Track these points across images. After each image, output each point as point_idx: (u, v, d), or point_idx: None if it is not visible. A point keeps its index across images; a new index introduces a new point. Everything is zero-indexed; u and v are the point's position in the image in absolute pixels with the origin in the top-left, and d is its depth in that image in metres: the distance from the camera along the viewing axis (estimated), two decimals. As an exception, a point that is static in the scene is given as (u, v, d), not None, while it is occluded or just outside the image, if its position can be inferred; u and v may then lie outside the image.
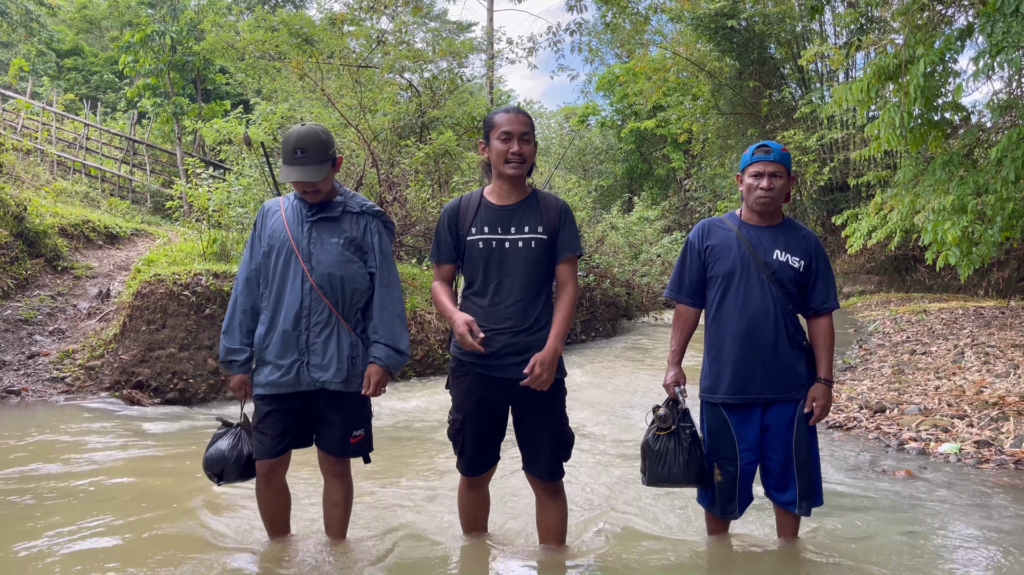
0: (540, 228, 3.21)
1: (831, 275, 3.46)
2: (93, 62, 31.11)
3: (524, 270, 3.19)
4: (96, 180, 19.14)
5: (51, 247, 10.43)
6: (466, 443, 3.32)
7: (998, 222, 8.25)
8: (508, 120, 3.17)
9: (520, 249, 3.20)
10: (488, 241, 3.22)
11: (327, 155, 3.29)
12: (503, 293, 3.20)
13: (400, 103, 13.77)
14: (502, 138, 3.16)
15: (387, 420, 7.28)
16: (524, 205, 3.25)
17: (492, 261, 3.22)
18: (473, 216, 3.26)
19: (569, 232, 3.25)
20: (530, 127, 3.20)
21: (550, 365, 3.11)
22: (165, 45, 19.17)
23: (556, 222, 3.22)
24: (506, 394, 3.24)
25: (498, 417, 3.32)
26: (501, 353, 3.18)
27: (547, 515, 3.41)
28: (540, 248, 3.20)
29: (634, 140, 33.10)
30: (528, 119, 3.22)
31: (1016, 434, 5.75)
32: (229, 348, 3.40)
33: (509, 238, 3.21)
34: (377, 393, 3.34)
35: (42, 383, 7.82)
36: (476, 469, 3.38)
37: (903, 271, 20.50)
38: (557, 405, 3.29)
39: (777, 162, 3.35)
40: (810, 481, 3.35)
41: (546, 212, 3.23)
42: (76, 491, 4.68)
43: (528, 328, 3.19)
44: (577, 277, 3.33)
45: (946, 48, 7.97)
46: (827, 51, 19.30)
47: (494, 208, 3.25)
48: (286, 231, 3.33)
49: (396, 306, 3.38)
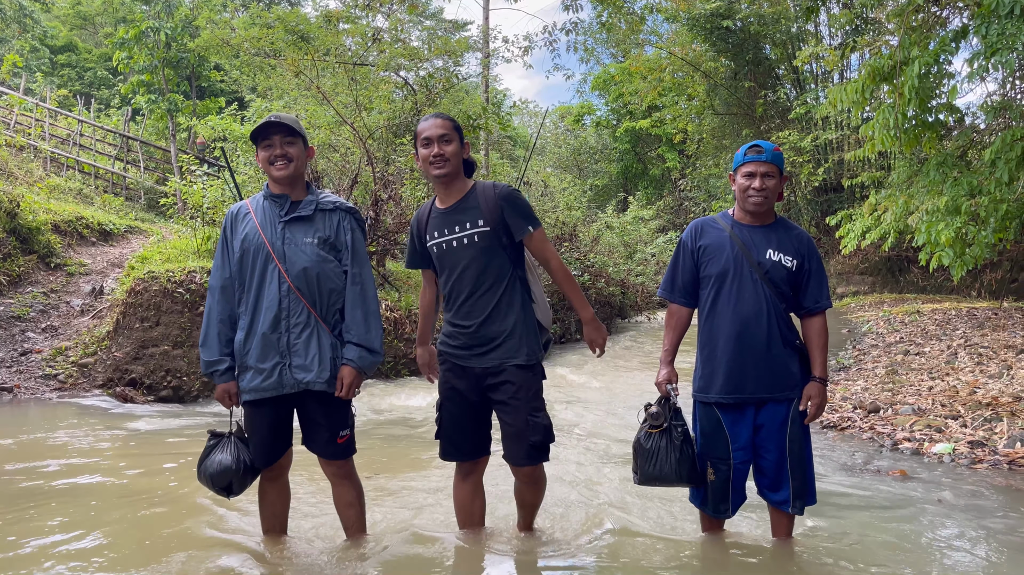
0: (480, 221, 3.31)
1: (824, 274, 3.46)
2: (87, 58, 30.99)
3: (475, 265, 3.32)
4: (90, 177, 19.07)
5: (44, 244, 10.40)
6: (442, 425, 3.48)
7: (991, 223, 8.29)
8: (427, 127, 3.33)
9: (466, 246, 3.33)
10: (439, 244, 3.39)
11: (299, 128, 3.33)
12: (461, 290, 3.36)
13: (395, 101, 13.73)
14: (423, 144, 3.33)
15: (384, 418, 7.28)
16: (463, 203, 3.37)
17: (445, 262, 3.39)
18: (426, 223, 3.45)
19: (516, 215, 3.32)
20: (450, 128, 3.32)
21: (596, 329, 3.42)
22: (160, 41, 19.10)
23: (497, 210, 3.31)
24: (476, 382, 3.38)
25: (471, 405, 3.43)
26: (467, 344, 3.36)
27: (521, 492, 3.57)
28: (485, 240, 3.31)
29: (629, 140, 33.15)
30: (448, 122, 3.34)
31: (1009, 435, 5.77)
32: (208, 361, 3.34)
33: (455, 237, 3.34)
34: (351, 395, 3.31)
35: (35, 380, 7.79)
36: (452, 452, 3.49)
37: (897, 272, 20.55)
38: (530, 391, 3.33)
39: (769, 162, 3.35)
40: (803, 480, 3.35)
41: (485, 203, 3.33)
42: (68, 489, 4.66)
43: (484, 321, 3.32)
44: (551, 247, 3.42)
45: (941, 50, 8.01)
46: (822, 52, 19.37)
47: (439, 211, 3.41)
48: (260, 234, 3.29)
49: (369, 305, 3.36)
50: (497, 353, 3.30)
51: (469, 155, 3.44)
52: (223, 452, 3.32)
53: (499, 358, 3.30)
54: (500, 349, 3.30)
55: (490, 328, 3.31)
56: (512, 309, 3.33)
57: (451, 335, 3.42)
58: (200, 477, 3.37)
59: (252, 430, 3.35)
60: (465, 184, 3.42)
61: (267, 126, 3.28)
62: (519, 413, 3.31)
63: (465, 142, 3.41)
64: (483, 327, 3.32)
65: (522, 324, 3.34)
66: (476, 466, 3.53)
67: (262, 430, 3.34)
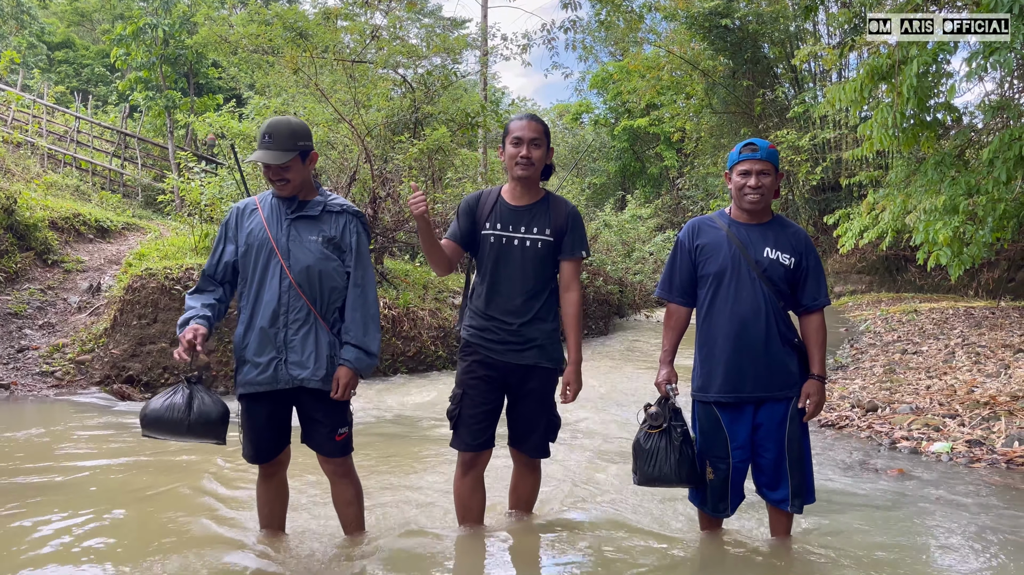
0: (548, 231, 3.46)
1: (822, 272, 3.46)
2: (84, 55, 30.93)
3: (529, 268, 3.45)
4: (87, 173, 19.03)
5: (41, 240, 10.37)
6: (462, 415, 3.50)
7: (989, 223, 8.31)
8: (520, 127, 3.42)
9: (528, 248, 3.45)
10: (499, 237, 3.47)
11: (294, 144, 3.23)
12: (509, 287, 3.45)
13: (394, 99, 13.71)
14: (513, 142, 3.43)
15: (382, 416, 7.27)
16: (536, 207, 3.49)
17: (501, 256, 3.46)
18: (489, 211, 3.51)
19: (574, 235, 3.49)
20: (541, 133, 3.43)
21: (576, 380, 3.49)
22: (157, 38, 19.05)
23: (564, 225, 3.47)
24: (504, 376, 3.48)
25: (494, 397, 3.51)
26: (504, 340, 3.44)
27: (522, 485, 3.72)
28: (546, 249, 3.46)
29: (627, 138, 33.14)
30: (540, 126, 3.45)
31: (1007, 434, 5.78)
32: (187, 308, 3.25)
33: (518, 236, 3.45)
34: (347, 395, 3.31)
35: (32, 377, 7.78)
36: (470, 443, 3.50)
37: (894, 271, 20.58)
38: (550, 392, 3.55)
39: (764, 160, 3.34)
40: (802, 479, 3.35)
41: (556, 215, 3.47)
42: (65, 486, 4.66)
43: (529, 321, 3.44)
44: (579, 280, 3.56)
45: (939, 49, 8.01)
46: (820, 51, 19.35)
47: (508, 207, 3.50)
48: (265, 229, 3.31)
49: (369, 308, 3.36)
50: (533, 353, 3.44)
51: (552, 161, 3.54)
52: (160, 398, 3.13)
53: (534, 358, 3.45)
54: (536, 350, 3.44)
55: (533, 328, 3.44)
56: (552, 315, 3.50)
57: (486, 329, 3.48)
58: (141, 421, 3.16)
59: (249, 425, 3.34)
60: (539, 189, 3.56)
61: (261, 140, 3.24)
62: (542, 411, 3.53)
63: (551, 148, 3.51)
64: (527, 327, 3.44)
65: (556, 330, 3.51)
66: (479, 459, 3.55)
67: (259, 425, 3.33)
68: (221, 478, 4.85)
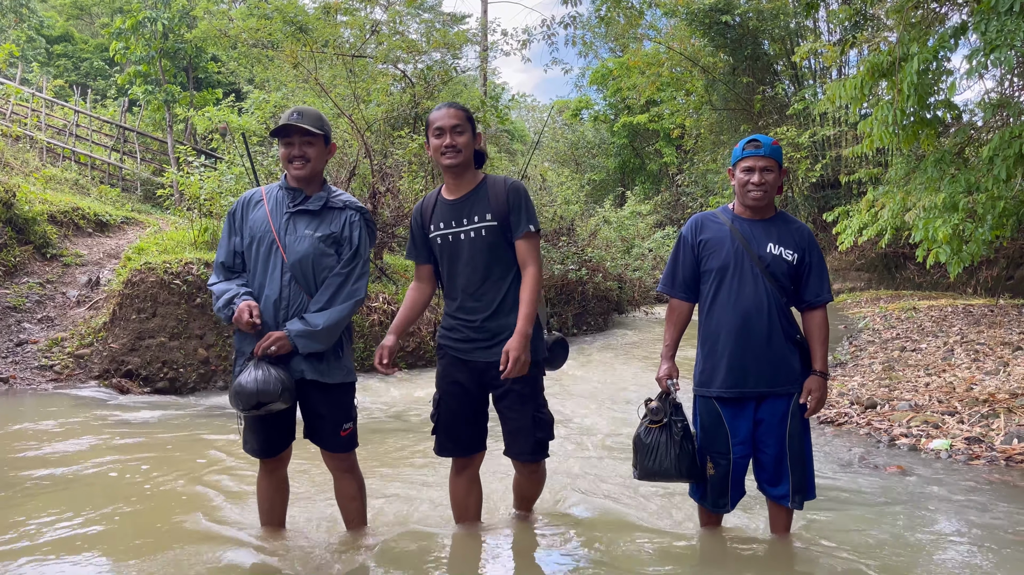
0: (488, 215, 3.29)
1: (824, 268, 3.46)
2: (83, 48, 30.84)
3: (479, 260, 3.29)
4: (86, 167, 18.99)
5: (40, 234, 10.35)
6: (440, 420, 3.43)
7: (989, 220, 8.31)
8: (439, 116, 3.28)
9: (473, 239, 3.30)
10: (445, 236, 3.35)
11: (322, 127, 3.29)
12: (465, 283, 3.33)
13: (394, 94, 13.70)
14: (435, 134, 3.28)
15: (380, 412, 7.27)
16: (473, 195, 3.34)
17: (450, 254, 3.35)
18: (431, 213, 3.41)
19: (519, 211, 3.29)
20: (462, 119, 3.28)
21: (522, 350, 3.16)
22: (156, 32, 19.00)
23: (505, 205, 3.29)
24: (479, 376, 3.35)
25: (473, 399, 3.40)
26: (470, 338, 3.33)
27: (523, 485, 3.62)
28: (492, 234, 3.28)
29: (627, 134, 33.11)
30: (461, 112, 3.30)
31: (1006, 431, 5.78)
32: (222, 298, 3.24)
33: (462, 230, 3.31)
34: (262, 353, 3.14)
35: (30, 371, 7.77)
36: (448, 448, 3.45)
37: (893, 268, 20.58)
38: (533, 387, 3.35)
39: (768, 156, 3.35)
40: (803, 475, 3.36)
41: (494, 197, 3.30)
42: (64, 480, 4.65)
43: (491, 315, 3.30)
44: (538, 254, 3.34)
45: (940, 46, 8.00)
46: (821, 48, 19.34)
47: (447, 203, 3.37)
48: (268, 221, 3.30)
49: (340, 293, 3.24)
50: (502, 347, 3.23)
51: (481, 146, 3.40)
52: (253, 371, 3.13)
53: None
54: (505, 344, 3.22)
55: (496, 322, 3.29)
56: (517, 304, 3.27)
57: (452, 328, 3.39)
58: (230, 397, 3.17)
59: (252, 420, 3.33)
60: (475, 176, 3.39)
61: (287, 126, 3.25)
62: (525, 410, 3.32)
63: (477, 132, 3.37)
64: (489, 321, 3.29)
65: None
66: (472, 461, 3.50)
67: (266, 420, 3.31)
68: (221, 473, 4.85)
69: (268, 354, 3.16)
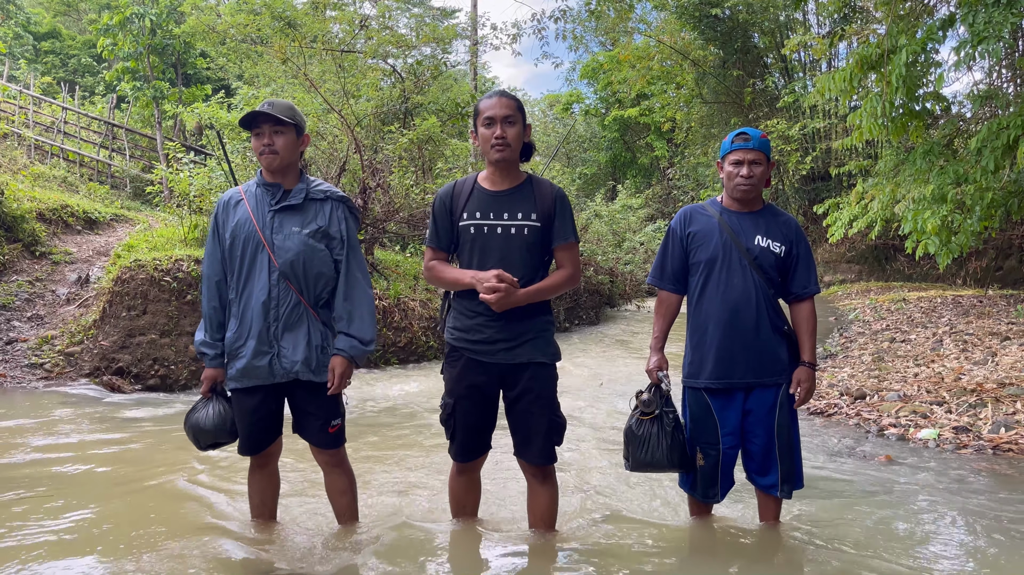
0: (534, 215, 3.16)
1: (812, 260, 3.48)
2: (71, 45, 30.65)
3: (515, 257, 3.15)
4: (74, 165, 18.90)
5: (29, 232, 10.31)
6: (457, 427, 3.29)
7: (977, 212, 8.35)
8: (490, 105, 3.14)
9: (513, 235, 3.16)
10: (480, 226, 3.18)
11: (293, 117, 3.27)
12: None
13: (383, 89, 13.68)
14: (486, 123, 3.14)
15: (375, 407, 7.27)
16: (518, 191, 3.21)
17: (483, 246, 3.18)
18: (465, 201, 3.22)
19: (564, 220, 3.21)
20: (515, 110, 3.14)
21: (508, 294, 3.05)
22: (144, 28, 18.91)
23: (551, 209, 3.18)
24: (498, 379, 3.23)
25: (489, 402, 3.29)
26: (493, 339, 3.17)
27: (537, 501, 3.38)
28: (533, 235, 3.17)
29: (618, 128, 33.13)
30: (512, 102, 3.16)
31: (994, 420, 5.83)
32: (199, 340, 3.38)
33: (501, 223, 3.16)
34: (342, 386, 3.27)
35: (20, 369, 7.74)
36: (467, 455, 3.35)
37: (883, 260, 20.67)
38: (549, 389, 3.25)
39: (756, 149, 3.36)
40: (791, 465, 3.38)
41: (541, 199, 3.19)
42: (55, 477, 4.64)
43: (520, 315, 3.15)
44: (578, 262, 3.28)
45: (928, 38, 8.03)
46: (810, 40, 19.39)
47: (487, 193, 3.22)
48: (252, 221, 3.26)
49: (362, 295, 3.30)
50: (525, 349, 3.16)
51: (530, 138, 3.27)
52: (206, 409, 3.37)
53: (527, 355, 3.17)
54: (529, 345, 3.17)
55: (522, 323, 3.16)
56: (543, 306, 3.23)
57: (470, 329, 3.21)
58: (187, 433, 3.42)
59: (241, 417, 3.33)
60: (520, 172, 3.26)
61: (255, 115, 3.24)
62: (544, 413, 3.22)
63: (527, 124, 3.24)
64: (516, 322, 3.16)
65: (548, 323, 3.28)
66: (475, 463, 3.45)
67: (252, 418, 3.31)
68: (212, 468, 4.85)
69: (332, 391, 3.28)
